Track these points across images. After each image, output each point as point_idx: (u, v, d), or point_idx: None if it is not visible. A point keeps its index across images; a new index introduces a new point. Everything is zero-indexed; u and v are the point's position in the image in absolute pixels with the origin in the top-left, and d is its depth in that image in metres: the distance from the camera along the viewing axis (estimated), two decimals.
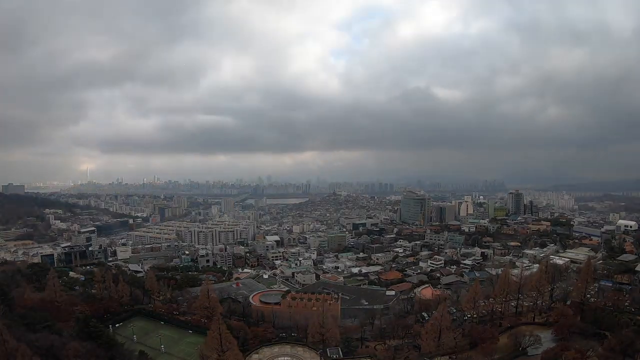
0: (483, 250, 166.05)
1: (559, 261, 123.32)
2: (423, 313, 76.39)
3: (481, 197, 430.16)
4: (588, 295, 68.94)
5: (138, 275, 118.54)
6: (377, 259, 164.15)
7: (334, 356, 56.08)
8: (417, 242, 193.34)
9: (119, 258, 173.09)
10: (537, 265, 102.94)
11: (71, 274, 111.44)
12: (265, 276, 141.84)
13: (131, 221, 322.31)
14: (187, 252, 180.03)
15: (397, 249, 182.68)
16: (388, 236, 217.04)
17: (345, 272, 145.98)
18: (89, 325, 50.22)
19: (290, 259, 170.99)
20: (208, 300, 66.45)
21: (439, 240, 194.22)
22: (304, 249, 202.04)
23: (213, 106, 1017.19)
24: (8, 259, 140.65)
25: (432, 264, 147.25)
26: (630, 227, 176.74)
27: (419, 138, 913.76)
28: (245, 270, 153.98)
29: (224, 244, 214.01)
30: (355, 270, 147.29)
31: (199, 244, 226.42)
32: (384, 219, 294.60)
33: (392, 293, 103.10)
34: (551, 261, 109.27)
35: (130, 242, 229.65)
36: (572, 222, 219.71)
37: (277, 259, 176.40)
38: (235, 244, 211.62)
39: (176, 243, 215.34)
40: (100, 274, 77.51)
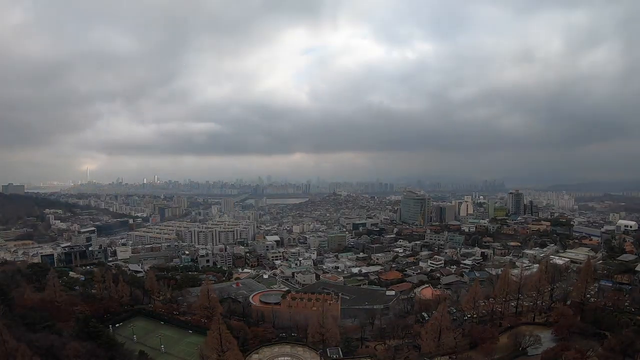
0: (483, 250, 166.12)
1: (559, 261, 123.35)
2: (423, 313, 76.38)
3: (481, 197, 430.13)
4: (588, 295, 68.94)
5: (138, 275, 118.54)
6: (377, 259, 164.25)
7: (334, 356, 56.05)
8: (417, 242, 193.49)
9: (119, 258, 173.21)
10: (537, 265, 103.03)
11: (71, 274, 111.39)
12: (265, 276, 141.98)
13: (131, 221, 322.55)
14: (187, 252, 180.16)
15: (397, 249, 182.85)
16: (388, 236, 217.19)
17: (345, 272, 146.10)
18: (89, 325, 50.23)
19: (290, 259, 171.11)
20: (208, 300, 66.46)
21: (439, 240, 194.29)
22: (304, 249, 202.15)
23: (203, 116, 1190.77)
24: (8, 259, 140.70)
25: (432, 264, 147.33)
26: (630, 227, 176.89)
27: (380, 141, 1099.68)
28: (245, 270, 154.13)
29: (224, 244, 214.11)
30: (355, 270, 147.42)
31: (199, 244, 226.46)
32: (384, 219, 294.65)
33: (392, 293, 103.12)
34: (551, 261, 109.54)
35: (130, 242, 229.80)
36: (572, 222, 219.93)
37: (277, 259, 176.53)
38: (235, 244, 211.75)
39: (176, 243, 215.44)
40: (100, 274, 77.53)
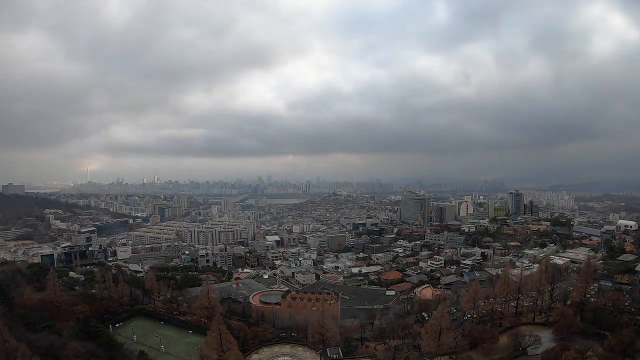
0: (483, 250, 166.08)
1: (559, 261, 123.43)
2: (423, 313, 76.33)
3: (481, 197, 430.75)
4: (588, 295, 68.95)
5: (138, 275, 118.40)
6: (377, 259, 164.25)
7: (334, 356, 56.04)
8: (417, 242, 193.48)
9: (119, 258, 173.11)
10: (537, 265, 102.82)
11: (71, 274, 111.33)
12: (265, 276, 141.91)
13: (131, 221, 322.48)
14: (187, 252, 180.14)
15: (397, 249, 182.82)
16: (388, 236, 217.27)
17: (345, 272, 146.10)
18: (89, 325, 50.24)
19: (290, 259, 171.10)
20: (208, 300, 66.47)
21: (439, 240, 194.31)
22: (304, 249, 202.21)
23: (194, 123, 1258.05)
24: (8, 259, 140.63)
25: (432, 264, 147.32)
26: (630, 227, 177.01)
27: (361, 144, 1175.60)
28: (245, 270, 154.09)
29: (224, 244, 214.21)
30: (355, 270, 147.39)
31: (199, 244, 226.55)
32: (384, 219, 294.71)
33: (392, 293, 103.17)
34: (551, 261, 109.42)
35: (130, 242, 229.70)
36: (572, 222, 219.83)
37: (277, 259, 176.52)
38: (235, 244, 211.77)
39: (176, 243, 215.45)
40: (100, 274, 77.29)
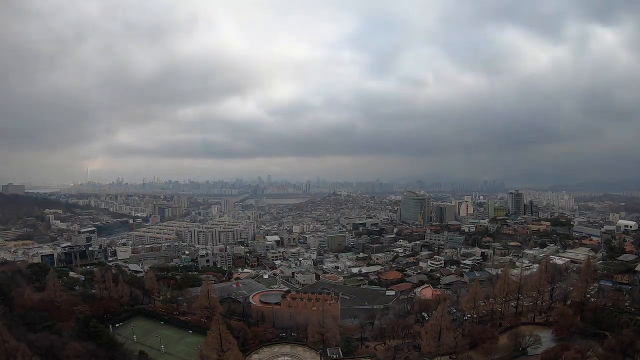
0: (483, 250, 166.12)
1: (559, 261, 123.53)
2: (423, 313, 76.33)
3: (481, 197, 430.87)
4: (588, 295, 68.98)
5: (138, 275, 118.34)
6: (377, 259, 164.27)
7: (334, 356, 56.03)
8: (417, 242, 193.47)
9: (119, 258, 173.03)
10: (537, 265, 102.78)
11: (71, 274, 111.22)
12: (265, 276, 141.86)
13: (131, 221, 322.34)
14: (187, 252, 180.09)
15: (397, 249, 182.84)
16: (388, 236, 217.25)
17: (345, 272, 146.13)
18: (89, 325, 50.23)
19: (290, 259, 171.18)
20: (208, 300, 66.47)
21: (439, 240, 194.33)
22: (304, 249, 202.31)
23: (189, 129, 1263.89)
24: (8, 259, 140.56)
25: (432, 264, 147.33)
26: (630, 227, 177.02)
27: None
28: (245, 270, 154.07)
29: (224, 244, 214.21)
30: (355, 270, 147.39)
31: (199, 244, 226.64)
32: (384, 219, 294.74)
33: (392, 293, 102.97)
34: (551, 261, 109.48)
35: (130, 242, 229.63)
36: (572, 222, 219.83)
37: (277, 259, 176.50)
38: (235, 244, 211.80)
39: (176, 243, 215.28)
40: (100, 274, 77.23)
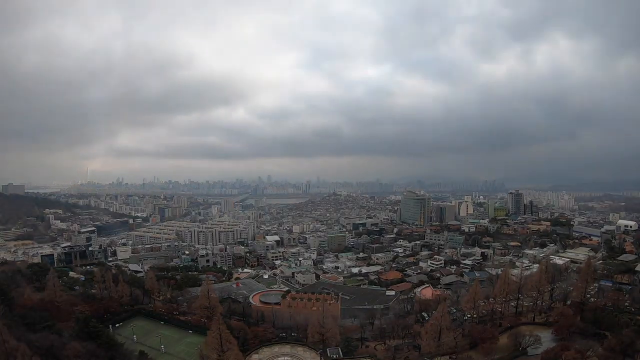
0: (483, 250, 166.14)
1: (559, 261, 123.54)
2: (423, 313, 76.30)
3: (481, 197, 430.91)
4: (588, 295, 68.98)
5: (138, 275, 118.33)
6: (377, 259, 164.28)
7: (334, 356, 56.02)
8: (417, 242, 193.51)
9: (119, 258, 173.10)
10: (537, 265, 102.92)
11: (71, 274, 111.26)
12: (265, 276, 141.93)
13: (131, 221, 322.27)
14: (187, 252, 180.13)
15: (397, 249, 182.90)
16: (388, 236, 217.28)
17: (345, 272, 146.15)
18: (89, 325, 50.25)
19: (290, 259, 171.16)
20: (208, 300, 66.49)
21: (439, 240, 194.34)
22: (304, 249, 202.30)
23: (184, 133, 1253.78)
24: (8, 259, 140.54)
25: (432, 264, 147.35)
26: (630, 227, 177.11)
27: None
28: (245, 270, 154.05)
29: (224, 244, 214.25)
30: (355, 270, 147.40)
31: (199, 244, 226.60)
32: (384, 219, 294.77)
33: (392, 293, 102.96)
34: (551, 261, 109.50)
35: (130, 242, 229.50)
36: (572, 222, 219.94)
37: (277, 259, 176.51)
38: (235, 244, 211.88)
39: (176, 243, 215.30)
40: (100, 274, 77.23)
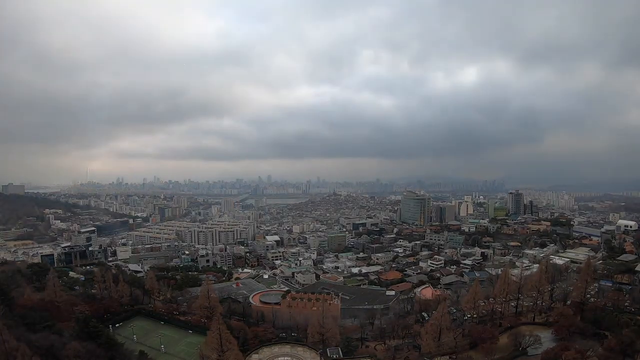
0: (483, 250, 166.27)
1: (559, 261, 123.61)
2: (423, 313, 76.32)
3: (481, 197, 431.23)
4: (588, 295, 68.92)
5: (138, 275, 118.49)
6: (377, 259, 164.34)
7: (334, 356, 55.97)
8: (417, 242, 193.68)
9: (119, 258, 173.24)
10: (537, 265, 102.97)
11: (71, 274, 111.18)
12: (265, 276, 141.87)
13: (131, 221, 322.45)
14: (187, 252, 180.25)
15: (397, 249, 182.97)
16: (388, 236, 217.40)
17: (345, 272, 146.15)
18: (89, 325, 50.19)
19: (290, 259, 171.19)
20: (208, 300, 66.46)
21: (439, 240, 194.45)
22: (304, 249, 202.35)
23: (181, 136, 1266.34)
24: (8, 259, 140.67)
25: (432, 264, 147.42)
26: (630, 227, 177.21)
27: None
28: (245, 270, 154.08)
29: (224, 244, 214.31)
30: (355, 270, 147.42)
31: (199, 244, 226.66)
32: (384, 219, 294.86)
33: (392, 293, 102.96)
34: (551, 261, 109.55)
35: (130, 242, 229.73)
36: (572, 222, 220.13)
37: (277, 259, 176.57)
38: (235, 244, 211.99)
39: (176, 243, 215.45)
40: (100, 274, 77.26)
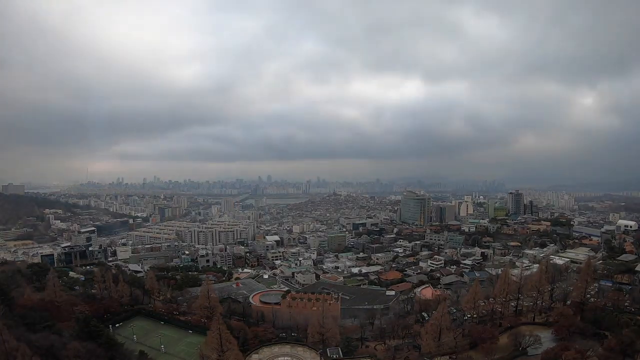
0: (483, 250, 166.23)
1: (559, 261, 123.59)
2: (423, 313, 76.31)
3: (481, 197, 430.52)
4: (588, 295, 68.93)
5: (138, 275, 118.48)
6: (377, 259, 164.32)
7: (334, 356, 55.98)
8: (417, 242, 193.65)
9: (119, 258, 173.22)
10: (537, 265, 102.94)
11: (71, 274, 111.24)
12: (265, 276, 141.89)
13: (131, 221, 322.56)
14: (187, 252, 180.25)
15: (397, 249, 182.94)
16: (388, 236, 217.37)
17: (345, 272, 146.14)
18: (89, 325, 50.18)
19: (290, 259, 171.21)
20: (208, 300, 66.48)
21: (439, 240, 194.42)
22: (304, 249, 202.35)
23: (179, 138, 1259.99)
24: (8, 259, 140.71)
25: (432, 264, 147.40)
26: (630, 227, 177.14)
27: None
28: (245, 270, 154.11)
29: (224, 244, 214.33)
30: (355, 270, 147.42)
31: (199, 244, 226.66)
32: (384, 219, 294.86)
33: (392, 293, 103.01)
34: (551, 261, 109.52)
35: (130, 242, 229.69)
36: (572, 222, 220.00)
37: (277, 259, 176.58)
38: (235, 244, 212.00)
39: (176, 243, 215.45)
40: (100, 274, 77.32)
